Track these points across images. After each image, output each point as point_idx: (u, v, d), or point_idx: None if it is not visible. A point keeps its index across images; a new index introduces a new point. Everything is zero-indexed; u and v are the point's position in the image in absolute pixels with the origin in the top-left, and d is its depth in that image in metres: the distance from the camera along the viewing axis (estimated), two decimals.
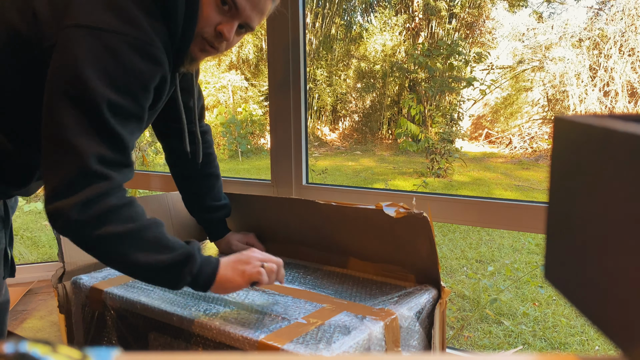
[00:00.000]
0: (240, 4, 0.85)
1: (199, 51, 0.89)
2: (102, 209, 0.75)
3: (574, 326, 2.59)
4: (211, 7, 0.84)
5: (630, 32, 5.83)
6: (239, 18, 0.86)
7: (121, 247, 0.77)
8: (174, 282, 0.81)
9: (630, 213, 0.19)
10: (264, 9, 0.88)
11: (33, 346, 0.19)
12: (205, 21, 0.85)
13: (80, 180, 0.73)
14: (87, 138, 0.73)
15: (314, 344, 0.75)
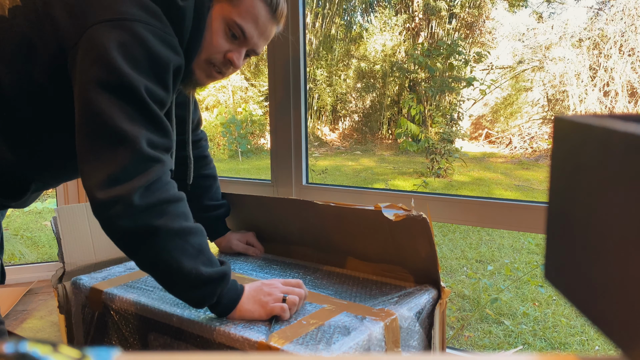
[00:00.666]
0: (249, 33, 0.89)
1: (205, 77, 0.92)
2: (164, 196, 0.75)
3: (574, 326, 2.59)
4: (221, 35, 0.88)
5: (630, 32, 5.83)
6: (247, 45, 0.91)
7: (171, 246, 0.75)
8: (202, 300, 0.80)
9: (630, 213, 0.19)
10: (269, 35, 0.93)
11: (33, 346, 0.19)
12: (215, 48, 0.88)
13: (137, 164, 0.73)
14: (134, 123, 0.74)
15: (313, 345, 0.75)
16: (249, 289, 0.85)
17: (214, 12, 0.87)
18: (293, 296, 0.85)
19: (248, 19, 0.88)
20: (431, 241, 0.93)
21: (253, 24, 0.89)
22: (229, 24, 0.88)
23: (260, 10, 0.89)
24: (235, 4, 0.87)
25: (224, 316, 0.83)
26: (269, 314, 0.83)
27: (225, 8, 0.87)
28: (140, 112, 0.75)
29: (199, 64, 0.90)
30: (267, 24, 0.91)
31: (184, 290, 0.79)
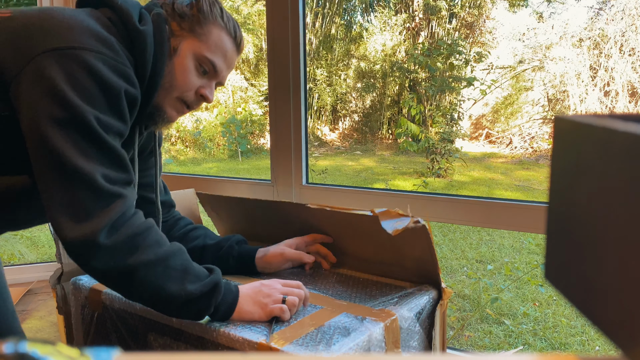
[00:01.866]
0: (219, 67, 0.89)
1: (176, 113, 0.90)
2: (131, 230, 0.72)
3: (575, 326, 2.59)
4: (192, 72, 0.87)
5: (631, 31, 5.82)
6: (216, 79, 0.91)
7: (153, 277, 0.74)
8: (200, 314, 0.79)
9: (630, 213, 0.19)
10: (234, 65, 0.94)
11: (33, 346, 0.19)
12: (188, 86, 0.87)
13: (97, 202, 0.70)
14: (88, 159, 0.71)
15: (313, 345, 0.75)
16: (248, 290, 0.84)
17: (182, 49, 0.86)
18: (293, 297, 0.84)
19: (218, 53, 0.89)
20: (431, 246, 0.92)
21: (222, 58, 0.89)
22: (199, 59, 0.87)
23: (227, 43, 0.90)
24: (204, 40, 0.87)
25: (225, 321, 0.83)
26: (268, 315, 0.82)
27: (194, 44, 0.87)
28: (95, 146, 0.72)
29: (170, 101, 0.88)
30: (233, 55, 0.92)
31: (178, 311, 0.78)
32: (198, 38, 0.87)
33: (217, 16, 0.88)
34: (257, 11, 8.63)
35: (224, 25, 0.89)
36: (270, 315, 0.82)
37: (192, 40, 0.87)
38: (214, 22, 0.88)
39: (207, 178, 1.70)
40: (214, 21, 0.88)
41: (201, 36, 0.87)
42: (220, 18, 0.89)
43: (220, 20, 0.89)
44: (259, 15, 8.56)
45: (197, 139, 8.02)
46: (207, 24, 0.87)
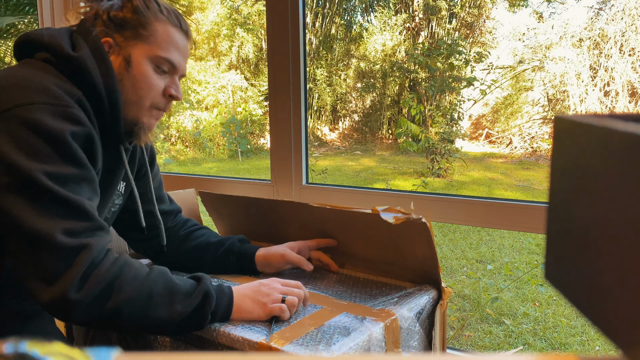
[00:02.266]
0: (177, 61, 0.88)
1: (154, 120, 0.90)
2: (100, 279, 0.70)
3: (575, 326, 2.59)
4: (152, 76, 0.86)
5: (631, 31, 5.82)
6: (177, 73, 0.90)
7: (139, 310, 0.73)
8: (200, 325, 0.79)
9: (630, 213, 0.19)
10: (188, 55, 0.93)
11: (33, 346, 0.19)
12: (154, 91, 0.87)
13: (60, 261, 0.69)
14: (45, 217, 0.69)
15: (313, 345, 0.75)
16: (247, 289, 0.84)
17: (135, 57, 0.85)
18: (292, 297, 0.84)
19: (170, 49, 0.87)
20: (431, 244, 0.92)
21: (176, 51, 0.88)
22: (155, 61, 0.86)
23: (175, 35, 0.88)
24: (152, 41, 0.86)
25: (225, 321, 0.82)
26: (268, 314, 0.82)
27: (144, 48, 0.85)
28: (50, 203, 0.70)
29: (144, 111, 0.87)
30: (185, 44, 0.91)
31: (177, 331, 0.78)
32: (146, 41, 0.85)
33: (156, 12, 0.86)
34: (257, 11, 8.63)
35: (166, 19, 0.87)
36: (270, 315, 0.82)
37: (141, 45, 0.85)
38: (155, 19, 0.86)
39: (207, 178, 1.70)
40: (155, 18, 0.86)
41: (148, 38, 0.85)
42: (160, 12, 0.87)
43: (161, 15, 0.87)
44: (259, 15, 8.56)
45: (197, 139, 8.03)
46: (149, 23, 0.86)
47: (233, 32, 8.67)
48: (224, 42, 8.72)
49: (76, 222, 0.71)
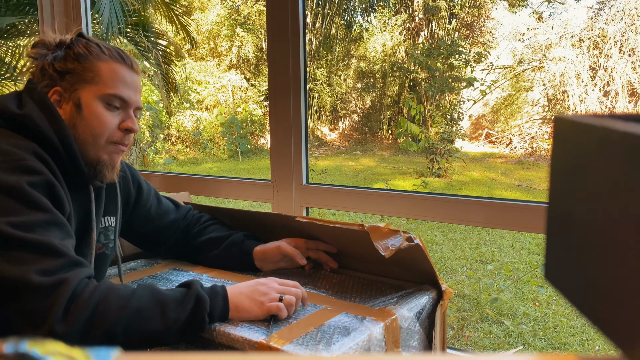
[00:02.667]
0: (126, 95, 0.91)
1: (116, 155, 0.92)
2: (82, 308, 0.72)
3: (574, 326, 2.59)
4: (105, 114, 0.89)
5: (631, 32, 5.83)
6: (130, 107, 0.92)
7: (133, 328, 0.74)
8: (200, 329, 0.79)
9: (630, 213, 0.19)
10: (140, 88, 0.95)
11: (33, 346, 0.19)
12: (107, 129, 0.89)
13: (40, 303, 0.70)
14: (17, 264, 0.71)
15: (313, 345, 0.75)
16: (244, 288, 0.85)
17: (84, 100, 0.88)
18: (290, 296, 0.84)
19: (117, 84, 0.90)
20: (427, 261, 0.92)
21: (124, 86, 0.90)
22: (104, 99, 0.89)
23: (120, 70, 0.91)
24: (97, 80, 0.88)
25: (223, 321, 0.83)
26: (265, 312, 0.82)
27: (91, 89, 0.88)
28: (19, 250, 0.72)
29: (102, 148, 0.90)
30: (132, 76, 0.93)
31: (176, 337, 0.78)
32: (91, 82, 0.88)
33: (97, 53, 0.90)
34: (257, 11, 8.63)
35: (109, 57, 0.90)
36: (268, 313, 0.82)
37: (88, 87, 0.88)
38: (97, 60, 0.89)
39: (207, 178, 1.70)
40: (97, 59, 0.89)
41: (93, 79, 0.88)
42: (101, 52, 0.90)
43: (103, 55, 0.90)
44: (259, 15, 8.57)
45: (197, 139, 8.03)
46: (92, 65, 0.89)
47: (233, 32, 8.67)
48: (224, 42, 8.72)
49: (49, 261, 0.73)
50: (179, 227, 1.14)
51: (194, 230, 1.14)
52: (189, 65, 8.22)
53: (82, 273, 0.76)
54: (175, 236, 1.14)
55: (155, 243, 1.15)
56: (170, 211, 1.15)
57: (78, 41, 0.91)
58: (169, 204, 1.16)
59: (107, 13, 3.59)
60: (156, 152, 7.39)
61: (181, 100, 7.85)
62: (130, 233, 1.12)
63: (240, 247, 1.08)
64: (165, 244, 1.14)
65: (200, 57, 8.83)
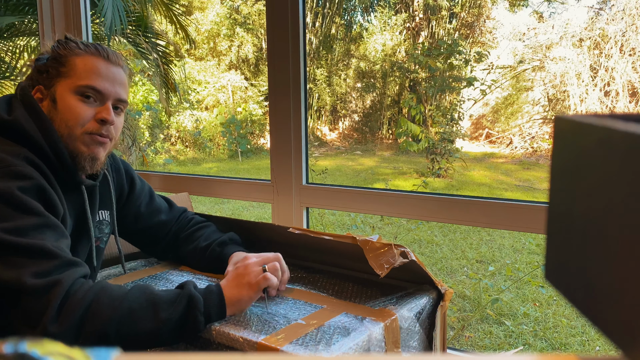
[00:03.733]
0: (100, 85, 0.90)
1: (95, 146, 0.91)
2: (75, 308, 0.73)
3: (575, 326, 2.59)
4: (78, 105, 0.89)
5: (631, 31, 5.82)
6: (108, 98, 0.92)
7: (125, 327, 0.74)
8: (196, 329, 0.79)
9: (630, 213, 0.19)
10: (123, 80, 0.94)
11: (32, 346, 0.19)
12: (81, 118, 0.89)
13: (35, 304, 0.72)
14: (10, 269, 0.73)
15: (313, 345, 0.75)
16: (229, 281, 0.86)
17: (57, 93, 0.89)
18: (272, 263, 0.87)
19: (90, 75, 0.90)
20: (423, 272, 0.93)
21: (98, 78, 0.90)
22: (77, 91, 0.89)
23: (95, 62, 0.91)
24: (71, 74, 0.89)
25: (224, 317, 0.83)
26: (256, 290, 0.84)
27: (65, 83, 0.89)
28: (12, 254, 0.74)
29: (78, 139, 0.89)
30: (108, 67, 0.92)
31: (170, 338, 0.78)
32: (66, 76, 0.89)
33: (73, 49, 0.91)
34: (257, 11, 8.63)
35: (84, 51, 0.91)
36: (259, 288, 0.84)
37: (62, 81, 0.89)
38: (72, 55, 0.90)
39: (206, 178, 1.70)
40: (73, 54, 0.90)
41: (67, 73, 0.89)
42: (78, 48, 0.91)
43: (79, 50, 0.91)
44: (259, 15, 8.57)
45: (197, 139, 8.03)
46: (67, 60, 0.90)
47: (233, 32, 8.67)
48: (223, 42, 8.72)
49: (42, 263, 0.74)
50: (171, 230, 1.13)
51: (181, 236, 1.13)
52: (188, 65, 8.22)
53: (76, 273, 0.77)
54: (167, 239, 1.13)
55: (147, 243, 1.15)
56: (162, 211, 1.14)
57: (59, 42, 0.93)
58: (162, 203, 1.16)
59: (110, 14, 3.58)
60: (156, 152, 7.39)
61: (181, 100, 7.85)
62: (123, 229, 1.11)
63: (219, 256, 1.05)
64: (157, 245, 1.14)
65: (200, 57, 8.83)
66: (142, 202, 1.12)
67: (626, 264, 0.19)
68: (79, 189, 0.94)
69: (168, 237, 1.13)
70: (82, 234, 0.96)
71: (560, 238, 0.25)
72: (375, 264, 0.89)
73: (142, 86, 7.19)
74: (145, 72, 6.18)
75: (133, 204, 1.10)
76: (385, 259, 0.89)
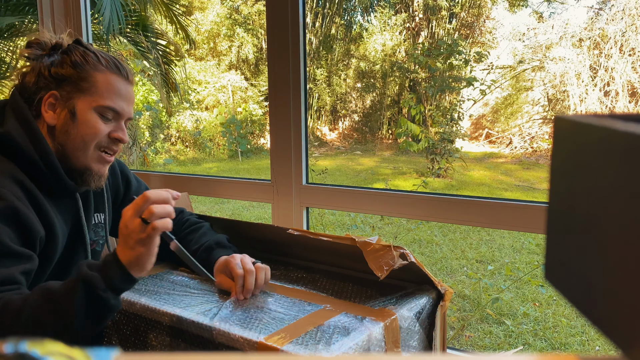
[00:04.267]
0: (120, 108, 0.92)
1: (101, 164, 0.93)
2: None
3: (575, 326, 2.59)
4: (97, 123, 0.90)
5: (631, 31, 5.82)
6: (122, 118, 0.94)
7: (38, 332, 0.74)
8: (105, 307, 0.76)
9: (630, 213, 0.19)
10: (133, 98, 0.96)
11: (33, 346, 0.19)
12: (97, 135, 0.90)
13: None
14: None
15: (313, 345, 0.75)
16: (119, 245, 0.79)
17: (79, 109, 0.89)
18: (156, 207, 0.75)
19: (113, 97, 0.91)
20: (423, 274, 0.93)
21: (118, 98, 0.91)
22: (99, 111, 0.90)
23: (116, 83, 0.92)
24: (94, 91, 0.89)
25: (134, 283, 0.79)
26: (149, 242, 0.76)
27: (87, 100, 0.89)
28: None
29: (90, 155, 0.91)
30: (127, 88, 0.94)
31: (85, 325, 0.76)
32: (88, 92, 0.89)
33: (95, 63, 0.90)
34: (257, 11, 8.63)
35: (105, 68, 0.91)
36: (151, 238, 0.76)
37: (84, 97, 0.89)
38: (95, 70, 0.90)
39: (206, 178, 1.70)
40: (95, 69, 0.90)
41: (90, 89, 0.89)
42: (99, 62, 0.91)
43: (100, 65, 0.91)
44: (259, 15, 8.57)
45: (197, 139, 8.03)
46: (89, 75, 0.89)
47: (233, 32, 8.67)
48: (223, 42, 8.72)
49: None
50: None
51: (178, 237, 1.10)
52: (188, 65, 8.22)
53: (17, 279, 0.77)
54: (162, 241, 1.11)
55: None
56: None
57: (75, 48, 0.92)
58: None
59: (109, 13, 3.58)
60: (156, 152, 7.39)
61: (181, 100, 7.85)
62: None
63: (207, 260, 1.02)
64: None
65: (200, 57, 8.83)
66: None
67: (626, 264, 0.19)
68: (73, 196, 0.95)
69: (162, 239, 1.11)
70: (78, 240, 0.97)
71: (560, 238, 0.25)
72: (375, 265, 0.89)
73: (142, 86, 7.19)
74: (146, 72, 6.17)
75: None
76: (385, 260, 0.89)
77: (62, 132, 0.89)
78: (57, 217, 0.90)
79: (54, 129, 0.90)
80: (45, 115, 0.90)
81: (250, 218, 4.77)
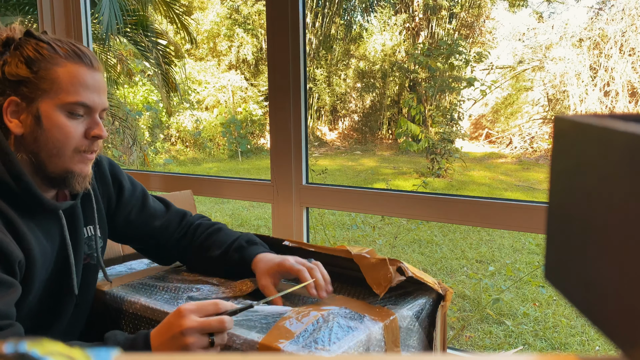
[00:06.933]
0: (90, 100, 0.81)
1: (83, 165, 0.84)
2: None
3: (575, 326, 2.59)
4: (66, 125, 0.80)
5: (631, 32, 5.83)
6: (95, 111, 0.83)
7: None
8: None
9: (630, 213, 0.19)
10: (105, 86, 0.86)
11: (33, 346, 0.19)
12: (72, 138, 0.81)
13: None
14: None
15: (313, 345, 0.75)
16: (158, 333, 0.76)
17: (42, 111, 0.79)
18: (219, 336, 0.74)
19: (80, 90, 0.80)
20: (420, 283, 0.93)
21: (86, 90, 0.81)
22: (66, 109, 0.80)
23: (81, 74, 0.81)
24: (55, 89, 0.79)
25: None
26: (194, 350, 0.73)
27: (51, 100, 0.79)
28: None
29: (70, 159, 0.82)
30: (95, 78, 0.83)
31: None
32: (50, 92, 0.79)
33: (51, 56, 0.79)
34: (257, 11, 8.63)
35: (64, 59, 0.80)
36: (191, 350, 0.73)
37: (46, 97, 0.79)
38: (53, 65, 0.79)
39: (206, 178, 1.70)
40: (53, 63, 0.79)
41: (52, 88, 0.79)
42: (56, 54, 0.79)
43: (58, 57, 0.79)
44: (259, 15, 8.57)
45: (197, 139, 8.03)
46: (48, 72, 0.79)
47: (233, 32, 8.67)
48: (223, 42, 8.72)
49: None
50: (172, 237, 1.06)
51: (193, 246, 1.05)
52: (188, 65, 8.22)
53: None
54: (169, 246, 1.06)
55: (146, 250, 1.09)
56: (157, 216, 1.05)
57: (27, 42, 0.80)
58: (158, 207, 1.07)
59: (107, 13, 3.59)
60: (156, 152, 7.39)
61: (181, 100, 7.85)
62: (119, 237, 1.06)
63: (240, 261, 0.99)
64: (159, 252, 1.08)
65: (200, 57, 8.83)
66: (133, 208, 1.04)
67: (626, 264, 0.19)
68: (55, 213, 0.87)
69: (169, 244, 1.06)
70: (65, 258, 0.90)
71: (560, 238, 0.25)
72: (374, 282, 0.89)
73: (142, 86, 7.19)
74: (146, 72, 6.18)
75: (122, 212, 1.02)
76: (383, 275, 0.89)
77: (31, 140, 0.80)
78: (39, 237, 0.83)
79: (23, 137, 0.80)
80: (9, 125, 0.79)
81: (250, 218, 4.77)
